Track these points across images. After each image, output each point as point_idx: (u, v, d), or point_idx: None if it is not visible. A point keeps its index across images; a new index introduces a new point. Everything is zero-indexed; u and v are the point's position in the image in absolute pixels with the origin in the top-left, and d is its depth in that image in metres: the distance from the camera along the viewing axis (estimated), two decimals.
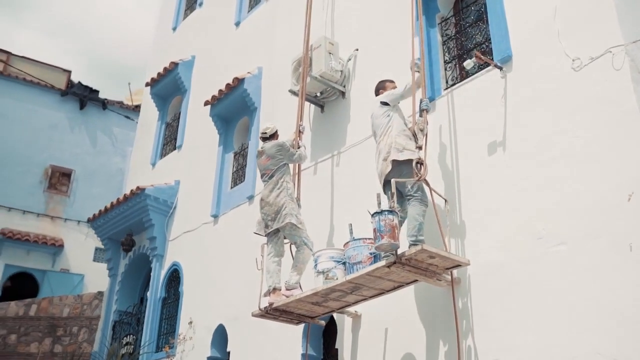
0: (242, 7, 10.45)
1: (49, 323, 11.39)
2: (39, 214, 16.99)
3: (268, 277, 5.53)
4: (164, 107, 11.73)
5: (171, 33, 12.92)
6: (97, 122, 18.92)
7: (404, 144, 4.84)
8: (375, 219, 4.28)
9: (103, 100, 19.21)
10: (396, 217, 4.28)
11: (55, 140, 18.08)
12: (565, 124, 4.64)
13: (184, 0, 13.03)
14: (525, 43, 5.17)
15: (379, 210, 4.30)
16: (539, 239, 4.50)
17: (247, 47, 9.77)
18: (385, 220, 4.23)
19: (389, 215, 4.25)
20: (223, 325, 7.70)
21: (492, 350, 4.53)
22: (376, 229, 4.25)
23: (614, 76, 4.43)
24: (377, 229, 4.24)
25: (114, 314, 10.37)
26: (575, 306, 4.13)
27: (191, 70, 11.17)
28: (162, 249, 9.68)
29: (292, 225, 5.43)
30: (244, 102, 8.88)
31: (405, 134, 4.96)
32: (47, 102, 18.35)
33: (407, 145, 4.85)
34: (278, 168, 5.67)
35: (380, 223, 4.23)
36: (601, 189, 4.24)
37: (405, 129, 5.01)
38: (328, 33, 7.70)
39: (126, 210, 10.06)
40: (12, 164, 17.13)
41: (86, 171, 18.16)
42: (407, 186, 4.73)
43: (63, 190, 17.69)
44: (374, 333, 5.56)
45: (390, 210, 4.32)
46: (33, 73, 18.60)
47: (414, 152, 4.81)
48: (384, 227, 4.21)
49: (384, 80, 5.57)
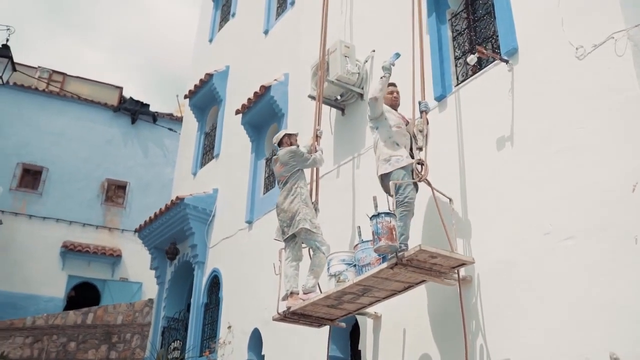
0: (270, 16, 10.63)
1: (104, 330, 11.93)
2: (98, 226, 17.77)
3: (286, 282, 5.63)
4: (202, 118, 12.06)
5: (208, 45, 13.27)
6: (149, 135, 19.60)
7: (390, 152, 4.89)
8: (373, 221, 4.31)
9: (153, 113, 19.88)
10: (394, 218, 4.29)
11: (110, 155, 18.86)
12: (570, 115, 4.52)
13: (219, 12, 13.36)
14: (531, 34, 5.06)
15: (376, 213, 4.32)
16: (546, 234, 4.40)
17: (275, 55, 9.93)
18: (382, 222, 4.25)
19: (385, 217, 4.27)
20: (258, 329, 7.86)
21: (504, 349, 4.46)
22: (374, 231, 4.28)
23: (616, 63, 4.29)
24: (375, 231, 4.27)
25: (163, 320, 10.75)
26: (584, 303, 4.02)
27: (226, 81, 11.43)
28: (203, 256, 9.96)
29: (306, 230, 5.51)
30: (271, 109, 9.04)
31: (392, 141, 5.00)
32: (101, 118, 19.16)
33: (394, 152, 4.88)
34: (292, 174, 5.76)
35: (378, 226, 4.26)
36: (606, 180, 4.11)
37: (391, 136, 5.02)
38: (347, 36, 7.74)
39: (168, 219, 10.42)
40: (72, 180, 18.01)
41: (140, 183, 18.85)
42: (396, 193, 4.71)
43: (119, 202, 18.44)
44: (393, 334, 5.56)
45: (387, 212, 4.34)
46: (87, 92, 19.52)
47: (401, 158, 4.82)
48: (381, 229, 4.23)
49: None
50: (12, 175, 17.32)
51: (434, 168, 5.52)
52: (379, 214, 4.31)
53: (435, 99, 5.87)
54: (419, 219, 5.24)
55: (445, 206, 5.04)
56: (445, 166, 5.46)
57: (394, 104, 5.42)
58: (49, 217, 17.25)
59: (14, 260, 16.35)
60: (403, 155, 4.87)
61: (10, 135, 17.74)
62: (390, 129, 5.06)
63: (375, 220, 4.29)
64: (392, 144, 4.95)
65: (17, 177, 17.39)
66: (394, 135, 5.02)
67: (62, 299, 16.51)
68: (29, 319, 12.65)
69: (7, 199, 16.87)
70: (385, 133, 5.05)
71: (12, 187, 17.15)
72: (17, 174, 17.42)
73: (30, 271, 16.37)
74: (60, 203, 17.53)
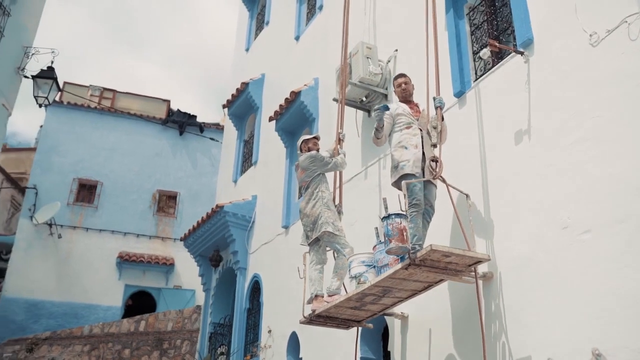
0: (301, 21, 10.73)
1: (155, 337, 12.30)
2: (151, 236, 18.33)
3: (310, 285, 5.67)
4: (241, 126, 12.28)
5: (245, 54, 13.50)
6: (196, 145, 20.07)
7: (398, 158, 4.91)
8: (384, 223, 4.30)
9: (200, 124, 20.35)
10: (404, 219, 4.26)
11: (160, 167, 19.42)
12: (585, 104, 4.38)
13: (254, 21, 13.57)
14: (545, 24, 4.94)
15: (387, 215, 4.31)
16: (565, 228, 4.28)
17: (306, 60, 10.01)
18: (393, 224, 4.23)
19: (396, 218, 4.25)
20: (296, 332, 7.94)
21: (526, 347, 4.36)
22: (385, 233, 4.26)
23: (630, 47, 4.14)
24: (386, 233, 4.25)
25: (210, 326, 10.99)
26: (601, 298, 3.89)
27: (262, 88, 11.60)
28: (244, 261, 10.13)
29: (329, 233, 5.53)
30: (302, 114, 9.12)
31: (400, 145, 5.00)
32: (150, 132, 19.77)
33: (402, 158, 4.88)
34: (313, 179, 5.79)
35: (388, 227, 4.24)
36: (622, 170, 3.97)
37: (400, 140, 5.01)
38: (371, 37, 7.74)
39: (210, 227, 10.65)
40: (125, 193, 18.67)
41: (190, 193, 19.33)
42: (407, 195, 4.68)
43: (170, 212, 18.96)
44: (420, 333, 5.52)
45: (398, 213, 4.31)
46: (136, 107, 20.20)
47: (407, 163, 4.82)
48: (391, 231, 4.22)
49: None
50: (69, 190, 18.09)
51: (455, 164, 5.49)
52: (389, 215, 4.29)
53: (454, 95, 5.80)
54: (439, 216, 5.18)
55: (463, 203, 4.96)
56: (467, 162, 5.39)
57: (405, 96, 5.38)
58: (104, 229, 17.93)
59: (74, 271, 17.09)
60: (410, 160, 4.85)
61: (67, 152, 18.55)
62: (401, 133, 5.05)
63: (385, 222, 4.28)
64: (401, 149, 4.94)
65: (74, 192, 18.15)
66: (404, 139, 5.00)
67: (120, 307, 17.12)
68: (86, 328, 13.19)
69: (65, 214, 17.64)
70: (396, 138, 5.06)
71: (70, 202, 17.91)
72: (74, 189, 18.18)
73: (89, 282, 17.07)
74: (115, 215, 18.19)
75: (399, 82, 5.43)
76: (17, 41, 11.29)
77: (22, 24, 11.46)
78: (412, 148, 4.93)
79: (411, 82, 5.51)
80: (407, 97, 5.40)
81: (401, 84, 5.43)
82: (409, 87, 5.44)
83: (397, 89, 5.42)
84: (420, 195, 4.73)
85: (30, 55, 11.30)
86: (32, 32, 11.89)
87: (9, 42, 10.98)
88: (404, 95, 5.40)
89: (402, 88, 5.42)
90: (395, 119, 5.22)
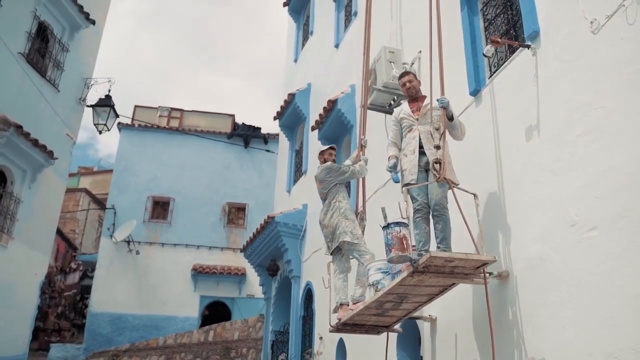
0: (340, 29, 10.82)
1: (223, 346, 12.72)
2: (223, 248, 18.95)
3: (335, 294, 5.74)
4: (292, 136, 12.50)
5: (294, 65, 13.73)
6: (262, 156, 20.53)
7: (402, 165, 4.95)
8: (384, 232, 4.29)
9: (264, 135, 20.81)
10: (404, 227, 4.24)
11: (228, 179, 20.03)
12: (588, 95, 4.20)
13: (301, 32, 13.79)
14: (550, 14, 4.77)
15: (386, 224, 4.30)
16: (572, 225, 4.11)
17: (345, 67, 10.08)
18: (392, 233, 4.22)
19: (395, 227, 4.24)
20: (342, 338, 8.00)
21: (540, 349, 4.22)
22: (385, 243, 4.26)
23: (628, 32, 3.94)
24: (386, 242, 4.25)
25: (271, 334, 11.25)
26: (608, 298, 3.72)
27: (308, 98, 11.77)
28: (297, 270, 10.31)
29: (347, 242, 5.58)
30: (341, 122, 9.19)
31: (403, 153, 5.01)
32: (217, 146, 20.42)
33: (404, 165, 4.93)
34: (329, 190, 5.85)
35: (388, 237, 4.24)
36: (624, 163, 3.78)
37: (404, 147, 5.03)
38: (397, 40, 7.71)
39: (265, 238, 10.92)
40: (196, 207, 19.40)
41: (257, 203, 19.80)
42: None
43: (240, 223, 19.51)
44: (448, 337, 5.44)
45: (397, 222, 4.30)
46: (203, 123, 20.96)
47: (405, 173, 4.80)
48: (391, 240, 4.21)
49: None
50: (144, 208, 19.03)
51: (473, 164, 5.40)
52: (388, 224, 4.29)
53: (470, 94, 5.70)
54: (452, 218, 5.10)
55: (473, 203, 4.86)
56: (483, 162, 5.28)
57: (411, 94, 5.30)
58: (179, 244, 18.71)
59: (152, 285, 17.96)
60: (407, 169, 4.88)
61: (141, 172, 19.53)
62: (405, 139, 5.06)
63: (385, 232, 4.28)
64: (404, 156, 4.96)
65: (149, 210, 19.08)
66: (405, 145, 4.99)
67: (197, 318, 17.79)
68: (161, 339, 13.84)
69: (142, 231, 18.58)
70: (402, 144, 5.06)
71: (145, 219, 18.84)
72: (148, 206, 19.11)
73: (167, 294, 17.88)
74: (188, 229, 18.94)
75: (403, 81, 5.35)
76: (77, 74, 12.11)
77: (80, 58, 12.29)
78: (410, 154, 4.90)
79: (416, 79, 5.41)
80: (414, 95, 5.31)
81: (405, 83, 5.33)
82: (414, 84, 5.32)
83: (402, 88, 5.37)
84: (420, 200, 4.69)
85: (89, 85, 12.07)
86: (90, 64, 12.71)
87: (69, 75, 11.80)
88: (411, 94, 5.32)
89: (406, 87, 5.33)
90: (401, 123, 5.20)
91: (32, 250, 11.14)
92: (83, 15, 12.07)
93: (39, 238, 11.41)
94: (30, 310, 11.47)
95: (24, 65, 10.81)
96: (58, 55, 11.65)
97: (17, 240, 10.65)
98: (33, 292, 11.52)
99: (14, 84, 10.60)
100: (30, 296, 11.45)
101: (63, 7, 11.62)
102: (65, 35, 11.92)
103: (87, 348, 16.58)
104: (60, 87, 11.64)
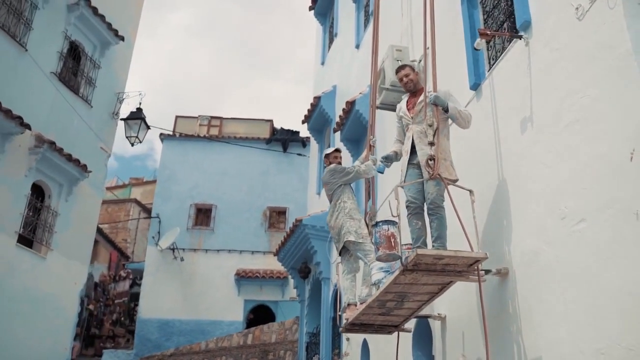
0: (360, 29, 10.82)
1: (261, 349, 12.89)
2: (265, 252, 19.18)
3: (344, 294, 5.76)
4: (321, 139, 12.57)
5: (321, 68, 13.81)
6: (300, 160, 20.67)
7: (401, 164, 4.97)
8: (373, 231, 4.30)
9: (302, 139, 20.95)
10: (392, 226, 4.23)
11: (269, 184, 20.28)
12: (575, 83, 4.09)
13: (327, 34, 13.86)
14: (540, 2, 4.66)
15: (374, 223, 4.31)
16: (563, 218, 4.01)
17: (365, 67, 10.06)
18: (380, 231, 4.22)
19: (383, 226, 4.23)
20: (366, 339, 8.00)
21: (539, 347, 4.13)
22: (373, 242, 4.26)
23: (610, 16, 3.81)
24: (374, 241, 4.25)
25: (306, 336, 11.33)
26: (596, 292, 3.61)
27: (334, 100, 11.82)
28: (327, 271, 10.35)
29: (352, 242, 5.60)
30: (360, 122, 9.19)
31: (405, 150, 4.98)
32: (256, 152, 20.70)
33: (400, 166, 4.93)
34: (334, 191, 5.89)
35: (376, 235, 4.24)
36: (607, 151, 3.66)
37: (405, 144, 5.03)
38: (408, 38, 7.67)
39: (294, 241, 11.02)
40: (238, 213, 19.73)
41: (297, 206, 19.93)
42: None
43: (281, 227, 19.71)
44: (456, 335, 5.38)
45: (386, 220, 4.29)
46: (242, 130, 21.30)
47: (403, 172, 4.79)
48: (379, 238, 4.21)
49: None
50: (188, 215, 19.49)
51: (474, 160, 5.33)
52: (377, 223, 4.29)
53: (470, 89, 5.62)
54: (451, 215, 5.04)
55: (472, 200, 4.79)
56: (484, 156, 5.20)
57: (410, 88, 5.19)
58: (222, 249, 19.08)
59: (198, 291, 18.37)
60: (403, 171, 4.83)
61: (183, 180, 20.02)
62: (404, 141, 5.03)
63: (374, 230, 4.29)
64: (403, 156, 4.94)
65: (192, 217, 19.53)
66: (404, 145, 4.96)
67: (242, 321, 18.09)
68: (203, 343, 14.15)
69: (186, 238, 19.03)
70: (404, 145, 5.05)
71: (189, 227, 19.29)
72: (192, 214, 19.56)
73: (212, 299, 18.25)
74: (230, 235, 19.28)
75: (400, 75, 5.23)
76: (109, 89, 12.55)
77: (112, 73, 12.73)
78: (405, 155, 4.87)
79: (414, 72, 5.29)
80: (412, 89, 5.20)
81: (402, 78, 5.22)
82: (411, 77, 5.18)
83: (400, 83, 5.31)
84: (409, 196, 4.66)
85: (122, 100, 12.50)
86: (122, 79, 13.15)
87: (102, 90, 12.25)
88: (409, 88, 5.20)
89: (404, 82, 5.22)
90: (401, 120, 5.18)
91: (70, 260, 11.62)
92: (112, 32, 12.53)
93: (77, 248, 11.88)
94: (71, 318, 11.95)
95: (57, 84, 11.31)
96: (90, 72, 12.13)
97: (55, 251, 11.14)
98: (73, 301, 11.99)
99: (48, 102, 11.11)
100: (71, 305, 11.93)
101: (92, 26, 12.10)
102: (97, 52, 12.41)
103: (137, 353, 17.13)
104: (93, 102, 12.12)
